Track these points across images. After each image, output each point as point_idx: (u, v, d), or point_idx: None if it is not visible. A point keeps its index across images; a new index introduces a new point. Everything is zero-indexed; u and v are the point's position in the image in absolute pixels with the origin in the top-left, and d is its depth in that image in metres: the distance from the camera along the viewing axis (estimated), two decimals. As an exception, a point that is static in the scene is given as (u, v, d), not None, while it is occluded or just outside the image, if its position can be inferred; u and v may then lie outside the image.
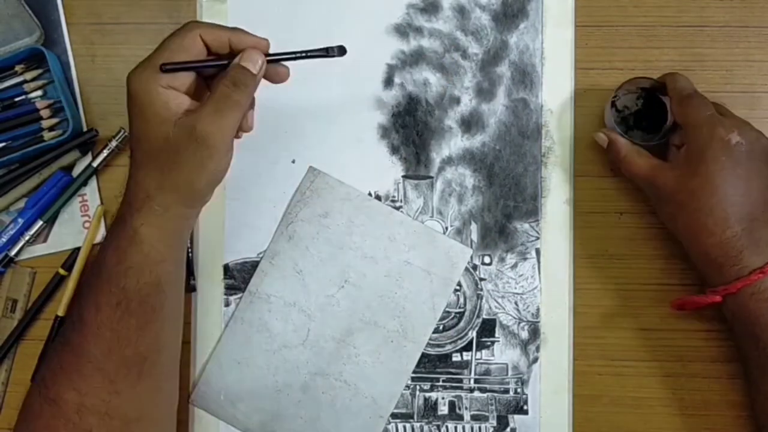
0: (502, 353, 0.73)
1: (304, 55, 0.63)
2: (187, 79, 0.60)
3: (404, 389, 0.73)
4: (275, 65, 0.63)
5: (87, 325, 0.59)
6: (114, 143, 0.74)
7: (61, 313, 0.74)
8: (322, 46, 0.63)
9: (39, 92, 0.75)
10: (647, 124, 0.73)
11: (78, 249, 0.75)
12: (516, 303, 0.73)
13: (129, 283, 0.59)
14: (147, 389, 0.63)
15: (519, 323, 0.73)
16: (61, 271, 0.75)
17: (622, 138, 0.70)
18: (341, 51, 0.64)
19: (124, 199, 0.61)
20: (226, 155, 0.61)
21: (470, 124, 0.74)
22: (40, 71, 0.76)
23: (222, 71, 0.61)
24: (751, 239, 0.63)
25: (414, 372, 0.73)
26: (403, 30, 0.75)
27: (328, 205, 0.73)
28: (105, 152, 0.75)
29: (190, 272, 0.74)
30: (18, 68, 0.75)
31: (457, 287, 0.73)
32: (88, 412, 0.59)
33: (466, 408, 0.73)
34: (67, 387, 0.59)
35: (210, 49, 0.61)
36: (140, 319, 0.60)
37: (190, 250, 0.74)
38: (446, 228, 0.74)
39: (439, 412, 0.73)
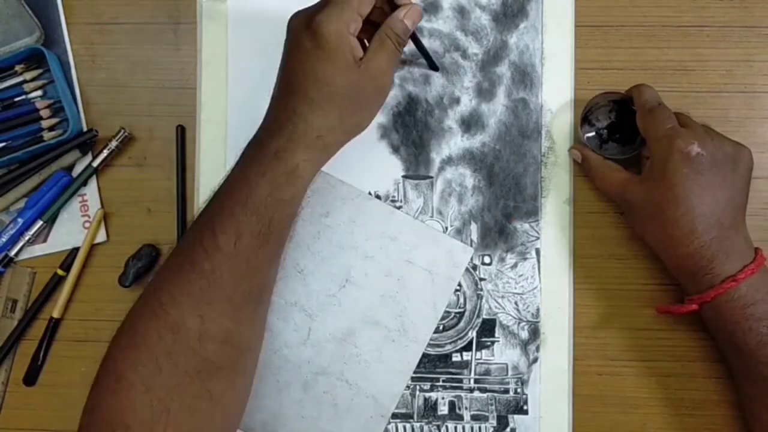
0: (502, 353, 0.73)
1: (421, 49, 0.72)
2: (358, 26, 0.63)
3: (404, 389, 0.73)
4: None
5: (223, 253, 0.59)
6: (114, 143, 0.74)
7: (56, 314, 0.74)
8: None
9: (39, 92, 0.76)
10: (622, 137, 0.73)
11: (76, 249, 0.75)
12: (516, 303, 0.73)
13: (277, 215, 0.61)
14: (260, 319, 0.65)
15: (519, 323, 0.73)
16: (59, 272, 0.75)
17: (593, 153, 0.71)
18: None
19: (281, 133, 0.62)
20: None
21: (470, 124, 0.74)
22: (40, 71, 0.76)
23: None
24: (721, 247, 0.63)
25: (414, 372, 0.73)
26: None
27: (329, 204, 0.73)
28: (105, 152, 0.75)
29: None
30: (18, 68, 0.75)
31: (457, 287, 0.73)
32: (208, 339, 0.59)
33: (466, 408, 0.73)
34: (191, 313, 0.58)
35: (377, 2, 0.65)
36: (274, 250, 0.63)
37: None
38: (446, 228, 0.74)
39: (439, 412, 0.73)
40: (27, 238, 0.74)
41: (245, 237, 0.60)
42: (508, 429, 0.72)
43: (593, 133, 0.73)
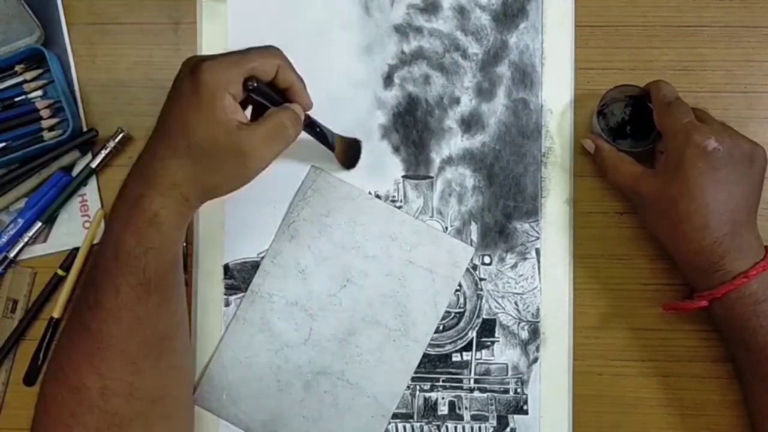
0: (502, 353, 0.73)
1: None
2: (239, 91, 0.60)
3: (404, 389, 0.73)
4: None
5: (106, 309, 0.59)
6: (112, 144, 0.74)
7: (56, 314, 0.74)
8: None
9: (39, 92, 0.75)
10: (636, 132, 0.73)
11: (77, 249, 0.75)
12: (516, 303, 0.73)
13: (149, 263, 0.59)
14: (167, 367, 0.64)
15: (519, 323, 0.73)
16: (60, 272, 0.74)
17: (608, 145, 0.71)
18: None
19: (140, 177, 0.60)
20: (257, 175, 0.63)
21: (470, 124, 0.74)
22: (40, 71, 0.76)
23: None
24: (734, 244, 0.63)
25: (414, 372, 0.73)
26: (403, 30, 0.75)
27: (329, 204, 0.74)
28: (103, 153, 0.74)
29: (184, 268, 0.74)
30: (18, 68, 0.75)
31: (457, 287, 0.73)
32: (112, 395, 0.59)
33: (466, 408, 0.73)
34: (88, 372, 0.59)
35: (273, 80, 0.62)
36: (159, 297, 0.61)
37: (184, 245, 0.74)
38: (446, 228, 0.74)
39: (439, 412, 0.73)
40: (26, 238, 0.74)
41: (124, 290, 0.59)
42: (508, 429, 0.72)
43: (607, 127, 0.73)
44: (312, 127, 0.68)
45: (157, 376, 0.62)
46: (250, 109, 0.65)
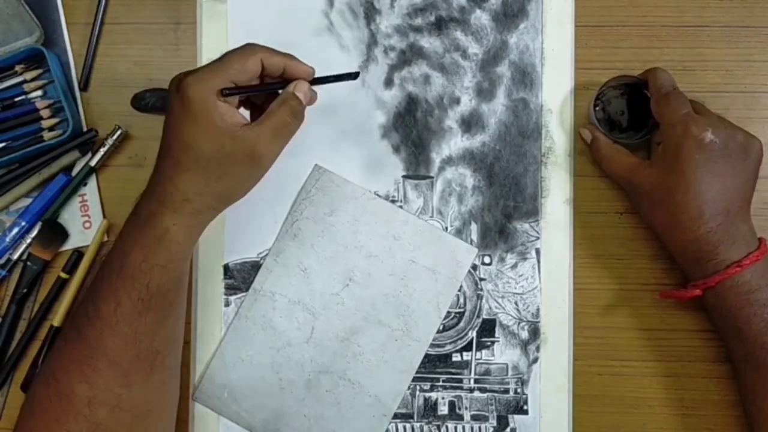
0: (502, 353, 0.73)
1: (331, 79, 0.67)
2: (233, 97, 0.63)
3: (406, 389, 0.73)
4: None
5: (104, 320, 0.60)
6: (110, 141, 0.74)
7: (57, 323, 0.74)
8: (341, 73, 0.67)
9: (39, 92, 0.75)
10: (633, 121, 0.73)
11: (78, 251, 0.75)
12: (516, 303, 0.73)
13: (153, 280, 0.60)
14: (157, 383, 0.64)
15: (519, 323, 0.73)
16: (62, 275, 0.74)
17: (604, 136, 0.71)
18: (356, 75, 0.67)
19: (152, 197, 0.61)
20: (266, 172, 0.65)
21: (470, 124, 0.74)
22: (40, 71, 0.75)
23: (272, 94, 0.66)
24: (727, 234, 0.64)
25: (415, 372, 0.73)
26: (403, 30, 0.75)
27: (333, 203, 0.74)
28: (102, 151, 0.74)
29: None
30: (18, 68, 0.75)
31: (457, 287, 0.73)
32: (99, 405, 0.59)
33: (466, 408, 0.73)
34: (78, 380, 0.59)
35: (264, 72, 0.64)
36: (158, 314, 0.62)
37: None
38: (446, 228, 0.74)
39: (439, 412, 0.73)
40: (29, 240, 0.74)
41: (124, 304, 0.60)
42: (508, 429, 0.72)
43: (604, 116, 0.73)
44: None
45: (146, 391, 0.63)
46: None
